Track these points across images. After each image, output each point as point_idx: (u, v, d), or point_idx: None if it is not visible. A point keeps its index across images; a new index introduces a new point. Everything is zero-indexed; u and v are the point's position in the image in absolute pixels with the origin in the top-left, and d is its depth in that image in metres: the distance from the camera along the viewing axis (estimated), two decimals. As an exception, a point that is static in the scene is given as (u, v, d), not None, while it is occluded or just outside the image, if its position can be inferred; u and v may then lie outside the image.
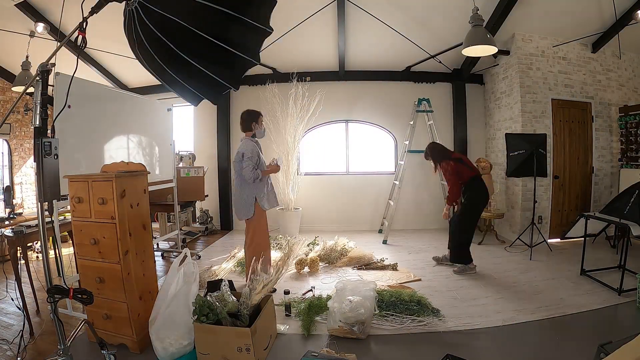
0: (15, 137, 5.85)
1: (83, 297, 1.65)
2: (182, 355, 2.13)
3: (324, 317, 2.65)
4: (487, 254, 4.39)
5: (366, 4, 4.23)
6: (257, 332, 2.06)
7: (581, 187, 5.07)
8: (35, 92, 1.52)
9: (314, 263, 3.84)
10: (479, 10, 3.56)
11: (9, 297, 2.95)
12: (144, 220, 2.46)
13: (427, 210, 5.96)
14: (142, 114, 3.94)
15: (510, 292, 3.19)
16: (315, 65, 5.73)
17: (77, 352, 2.14)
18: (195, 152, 6.11)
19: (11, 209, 4.24)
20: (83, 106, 2.97)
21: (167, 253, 4.71)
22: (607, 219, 3.30)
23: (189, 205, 5.31)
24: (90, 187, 2.21)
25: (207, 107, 5.83)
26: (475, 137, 5.91)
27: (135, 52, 1.72)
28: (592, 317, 2.68)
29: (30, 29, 4.51)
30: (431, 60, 5.21)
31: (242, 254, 4.22)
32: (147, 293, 2.42)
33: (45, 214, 1.92)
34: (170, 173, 4.41)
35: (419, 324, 2.57)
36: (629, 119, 4.89)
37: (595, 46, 4.93)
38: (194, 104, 2.04)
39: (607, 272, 3.47)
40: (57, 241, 2.72)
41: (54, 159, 1.55)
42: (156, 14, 1.48)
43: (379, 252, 4.56)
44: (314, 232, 5.12)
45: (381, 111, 5.95)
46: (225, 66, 1.80)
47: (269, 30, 1.75)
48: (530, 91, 4.82)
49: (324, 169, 6.20)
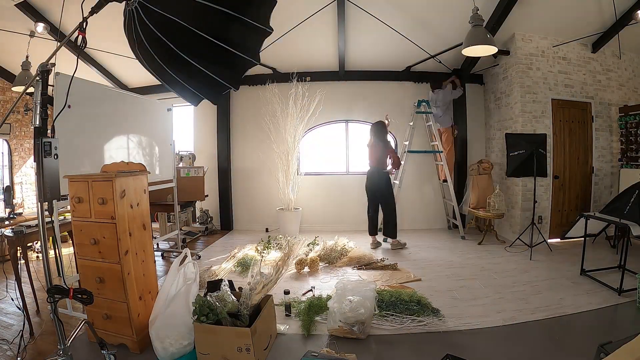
0: (15, 137, 5.85)
1: (83, 297, 1.65)
2: (182, 355, 2.13)
3: (324, 317, 2.65)
4: (487, 254, 4.39)
5: (366, 4, 4.22)
6: (257, 332, 2.06)
7: (581, 187, 5.07)
8: (35, 92, 1.52)
9: (314, 263, 3.84)
10: (479, 10, 3.55)
11: (9, 297, 2.95)
12: (144, 220, 2.46)
13: (427, 210, 5.96)
14: (142, 114, 3.94)
15: (510, 292, 3.19)
16: (315, 65, 5.72)
17: (77, 352, 2.14)
18: (195, 152, 6.11)
19: (11, 209, 4.25)
20: (83, 106, 2.97)
21: (167, 253, 4.71)
22: (607, 219, 3.30)
23: (189, 205, 5.31)
24: (90, 187, 2.21)
25: (207, 107, 5.82)
26: (475, 137, 5.91)
27: (135, 52, 1.72)
28: (592, 317, 2.68)
29: (30, 29, 4.51)
30: (431, 60, 5.22)
31: (242, 254, 4.23)
32: (147, 293, 2.42)
33: (45, 214, 1.92)
34: (170, 173, 4.41)
35: (419, 324, 2.57)
36: (629, 119, 4.89)
37: (595, 46, 4.93)
38: (194, 104, 2.04)
39: (607, 272, 3.47)
40: (57, 241, 2.71)
41: (54, 159, 1.56)
42: (156, 14, 1.48)
43: (379, 252, 4.58)
44: (314, 232, 5.12)
45: (381, 111, 5.92)
46: (225, 66, 1.80)
47: (269, 30, 1.75)
48: (530, 91, 4.82)
49: (324, 169, 6.20)
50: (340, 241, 4.28)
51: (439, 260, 4.18)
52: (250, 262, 3.98)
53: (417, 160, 5.84)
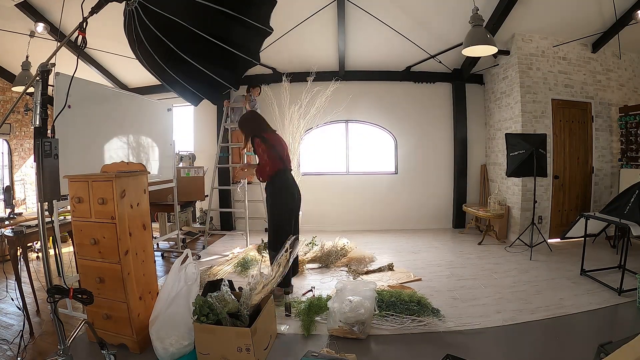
0: (15, 137, 5.85)
1: (83, 297, 1.65)
2: (182, 355, 2.13)
3: (324, 317, 2.65)
4: (487, 254, 4.39)
5: (366, 4, 4.22)
6: (257, 332, 2.06)
7: (581, 187, 5.07)
8: (35, 92, 1.52)
9: (300, 264, 3.80)
10: (479, 10, 3.55)
11: (9, 297, 2.95)
12: (144, 220, 2.46)
13: (428, 210, 5.96)
14: (142, 114, 3.94)
15: (510, 292, 3.19)
16: (315, 65, 5.71)
17: (77, 352, 2.14)
18: (195, 152, 6.10)
19: (11, 209, 4.24)
20: (83, 106, 2.97)
21: (167, 253, 4.71)
22: (607, 219, 3.30)
23: (189, 205, 5.31)
24: (90, 187, 2.21)
25: (207, 107, 5.82)
26: (475, 137, 5.91)
27: (135, 52, 1.72)
28: (592, 317, 2.68)
29: (30, 29, 4.51)
30: (431, 60, 5.21)
31: (242, 253, 4.22)
32: (147, 293, 2.42)
33: (45, 214, 1.92)
34: (170, 173, 4.40)
35: (419, 324, 2.57)
36: (629, 119, 4.89)
37: (595, 46, 4.93)
38: (194, 104, 2.05)
39: (607, 272, 3.47)
40: (57, 241, 2.71)
41: (54, 159, 1.56)
42: (156, 14, 1.48)
43: (380, 252, 4.57)
44: (313, 233, 5.11)
45: (381, 111, 5.95)
46: (225, 66, 1.80)
47: (269, 30, 1.75)
48: (530, 91, 4.81)
49: (324, 169, 6.19)
50: (340, 241, 4.27)
51: (439, 260, 4.18)
52: (250, 262, 3.98)
53: (418, 161, 5.84)
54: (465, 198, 5.82)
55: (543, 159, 4.27)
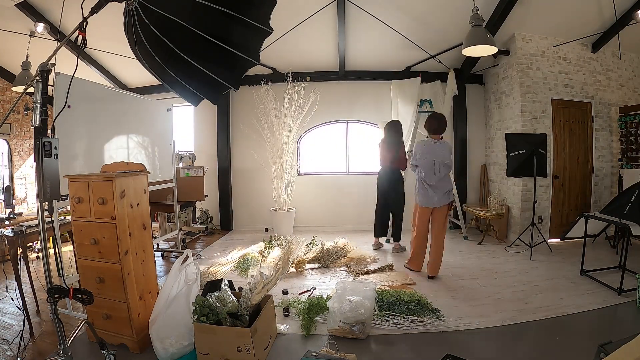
0: (15, 137, 5.85)
1: (83, 297, 1.65)
2: (183, 355, 2.14)
3: (324, 317, 2.65)
4: (487, 254, 4.39)
5: (366, 4, 4.22)
6: (257, 332, 2.06)
7: (581, 187, 5.07)
8: (35, 92, 1.52)
9: (300, 264, 3.81)
10: (479, 10, 3.56)
11: (9, 297, 2.95)
12: (144, 220, 2.46)
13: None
14: (142, 114, 3.94)
15: (510, 292, 3.19)
16: (315, 65, 5.72)
17: (77, 352, 2.14)
18: (195, 152, 6.10)
19: (11, 209, 4.24)
20: (83, 106, 2.97)
21: (167, 253, 4.71)
22: (607, 219, 3.30)
23: (189, 205, 5.31)
24: (90, 187, 2.21)
25: (207, 107, 5.82)
26: (475, 137, 5.91)
27: (135, 52, 1.72)
28: (592, 317, 2.68)
29: (30, 29, 4.51)
30: (431, 60, 5.21)
31: (242, 253, 4.22)
32: (147, 293, 2.42)
33: (45, 214, 1.92)
34: (170, 173, 4.41)
35: (419, 324, 2.57)
36: (629, 119, 4.89)
37: (595, 46, 4.93)
38: (194, 104, 2.04)
39: (607, 272, 3.47)
40: (57, 241, 2.71)
41: (54, 159, 1.56)
42: (156, 13, 1.48)
43: (380, 252, 4.57)
44: (313, 232, 5.12)
45: (381, 111, 5.94)
46: (225, 66, 1.80)
47: (269, 30, 1.75)
48: (530, 91, 4.81)
49: (324, 169, 6.19)
50: (339, 242, 4.27)
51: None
52: (250, 262, 3.98)
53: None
54: (465, 198, 5.82)
55: (543, 159, 4.27)
